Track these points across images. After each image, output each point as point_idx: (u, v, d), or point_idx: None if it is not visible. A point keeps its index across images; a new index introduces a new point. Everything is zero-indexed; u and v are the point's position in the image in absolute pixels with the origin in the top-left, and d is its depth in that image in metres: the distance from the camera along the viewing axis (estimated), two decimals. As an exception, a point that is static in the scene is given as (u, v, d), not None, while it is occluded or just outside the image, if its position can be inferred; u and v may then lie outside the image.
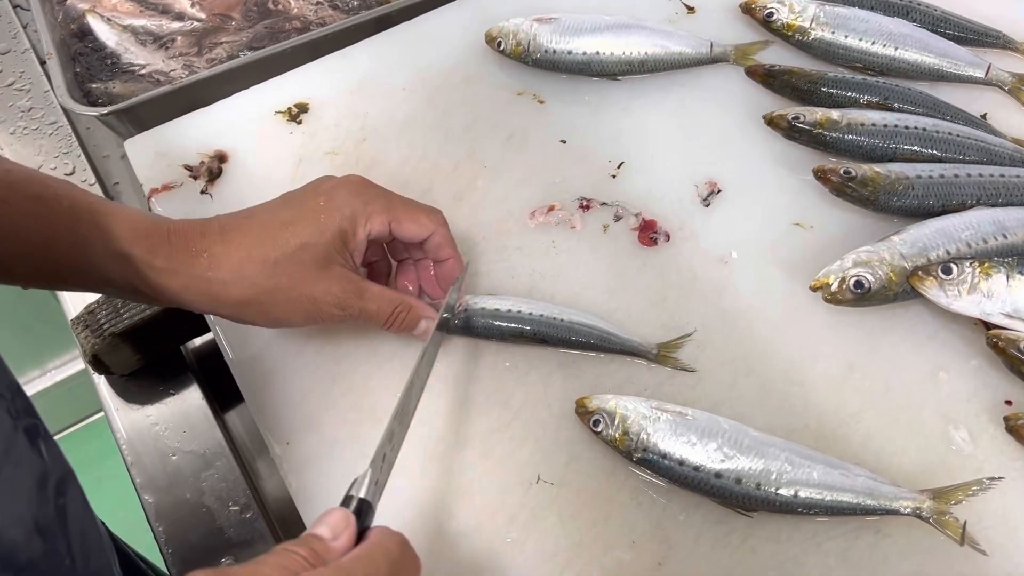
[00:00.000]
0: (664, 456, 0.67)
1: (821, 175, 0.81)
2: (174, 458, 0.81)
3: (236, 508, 0.79)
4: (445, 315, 0.73)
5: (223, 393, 0.86)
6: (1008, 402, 0.72)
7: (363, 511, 0.52)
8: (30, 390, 1.87)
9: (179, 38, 1.03)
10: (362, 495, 0.53)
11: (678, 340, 0.75)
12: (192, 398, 0.85)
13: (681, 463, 0.67)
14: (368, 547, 0.49)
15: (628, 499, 0.69)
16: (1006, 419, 0.70)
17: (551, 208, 0.86)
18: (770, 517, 0.68)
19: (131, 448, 0.82)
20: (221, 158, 0.92)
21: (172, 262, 0.67)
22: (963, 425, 0.71)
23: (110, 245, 0.66)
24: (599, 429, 0.70)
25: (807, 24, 0.92)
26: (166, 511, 0.79)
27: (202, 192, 0.89)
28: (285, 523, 0.80)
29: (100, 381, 0.85)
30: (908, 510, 0.66)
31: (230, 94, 0.95)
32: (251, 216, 0.70)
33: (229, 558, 0.77)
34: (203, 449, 0.82)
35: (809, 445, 0.70)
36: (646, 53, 0.92)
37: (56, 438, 0.53)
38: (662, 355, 0.75)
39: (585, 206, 0.86)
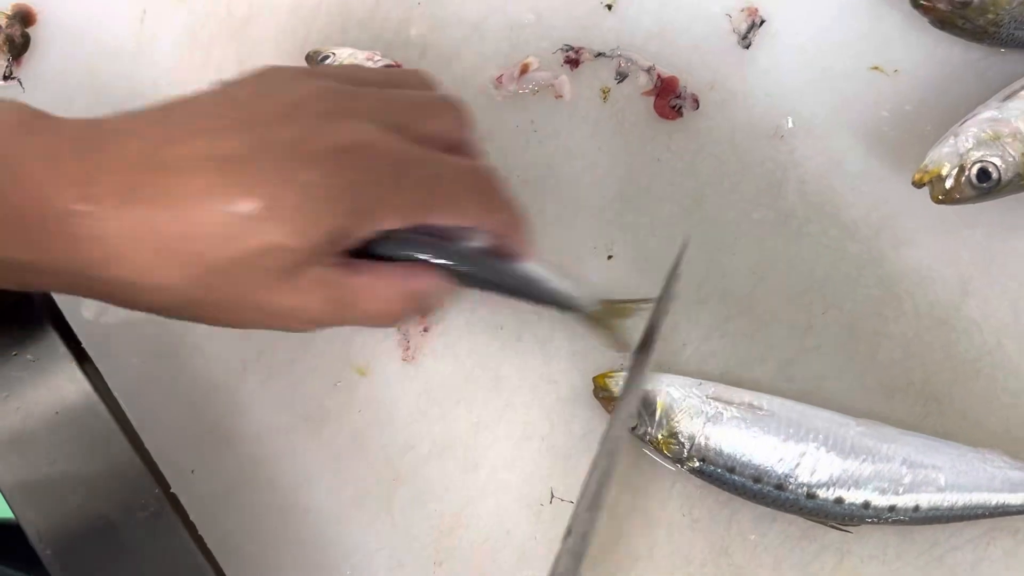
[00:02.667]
0: (731, 469, 0.48)
1: (925, 2, 0.55)
2: (47, 453, 0.59)
3: (145, 515, 0.59)
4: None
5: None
6: None
7: None
8: None
9: None
10: None
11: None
12: (56, 360, 0.61)
13: (757, 479, 0.47)
14: None
15: (678, 516, 0.50)
16: None
17: (524, 69, 0.59)
18: (873, 527, 0.50)
19: (-17, 443, 0.59)
20: (25, 18, 0.62)
21: (37, 254, 0.40)
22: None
23: None
24: (632, 425, 0.49)
25: None
26: (52, 530, 0.57)
27: (6, 77, 0.61)
28: (216, 522, 0.59)
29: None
30: (1063, 507, 0.48)
31: (14, -89, 0.63)
32: (168, 154, 0.39)
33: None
34: (85, 437, 0.60)
35: (917, 412, 0.51)
36: None
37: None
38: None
39: (572, 60, 0.59)
